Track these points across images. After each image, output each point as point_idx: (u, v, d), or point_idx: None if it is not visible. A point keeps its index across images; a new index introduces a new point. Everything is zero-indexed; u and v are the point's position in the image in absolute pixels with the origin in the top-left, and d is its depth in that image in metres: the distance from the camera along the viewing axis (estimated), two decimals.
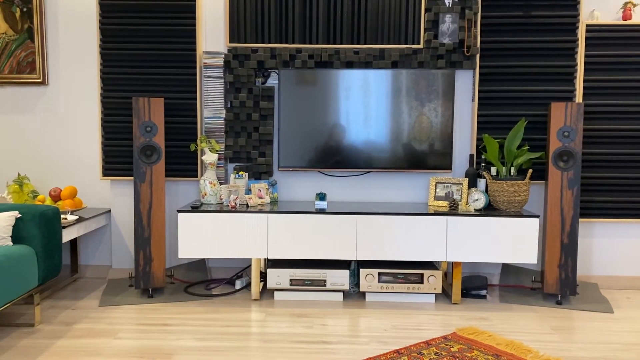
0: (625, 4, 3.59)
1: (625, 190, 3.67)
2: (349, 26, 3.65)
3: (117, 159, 3.74)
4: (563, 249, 3.34)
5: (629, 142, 3.65)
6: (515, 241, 3.28)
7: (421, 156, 3.65)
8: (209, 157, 3.52)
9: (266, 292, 3.54)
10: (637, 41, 3.60)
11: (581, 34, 3.60)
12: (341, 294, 3.42)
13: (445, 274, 3.72)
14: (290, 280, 3.37)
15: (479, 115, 3.67)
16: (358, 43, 3.66)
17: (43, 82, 3.77)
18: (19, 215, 2.88)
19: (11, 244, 2.85)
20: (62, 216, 3.35)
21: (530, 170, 3.39)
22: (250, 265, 3.79)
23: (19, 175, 3.64)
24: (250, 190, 3.60)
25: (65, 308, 3.22)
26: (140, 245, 3.35)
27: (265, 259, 3.68)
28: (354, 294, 3.52)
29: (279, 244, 3.31)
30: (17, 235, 2.88)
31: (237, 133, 3.71)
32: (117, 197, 3.82)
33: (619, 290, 3.73)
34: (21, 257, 2.72)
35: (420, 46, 3.64)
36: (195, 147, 3.67)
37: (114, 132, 3.72)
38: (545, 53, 3.62)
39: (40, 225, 2.88)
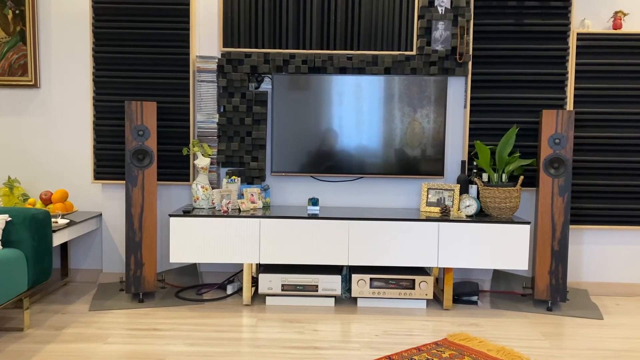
0: (616, 13, 3.63)
1: (615, 197, 3.70)
2: (343, 32, 3.66)
3: (109, 162, 3.72)
4: (553, 255, 3.36)
5: (619, 150, 3.68)
6: (506, 247, 3.29)
7: (413, 162, 3.66)
8: (202, 162, 3.51)
9: (258, 297, 3.53)
10: (627, 50, 3.64)
11: (572, 42, 3.64)
12: (333, 299, 3.42)
13: (436, 280, 3.73)
14: (282, 285, 3.36)
15: (470, 122, 3.69)
16: (351, 49, 3.67)
17: (35, 85, 3.75)
18: (9, 218, 2.86)
19: (0, 247, 2.83)
20: (53, 220, 3.33)
21: (522, 177, 3.42)
22: (241, 270, 3.78)
23: (9, 178, 3.61)
24: (242, 194, 3.59)
25: (55, 312, 3.20)
26: (131, 249, 3.33)
27: (257, 264, 3.68)
28: (346, 300, 3.52)
29: (271, 249, 3.30)
30: (7, 238, 2.86)
31: (230, 137, 3.70)
32: (108, 201, 3.80)
33: (608, 297, 3.75)
34: (11, 260, 2.69)
35: (413, 53, 3.66)
36: (188, 151, 3.66)
37: (106, 135, 3.70)
38: (537, 61, 3.65)
39: (30, 228, 2.86)
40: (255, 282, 3.61)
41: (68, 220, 3.38)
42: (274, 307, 3.36)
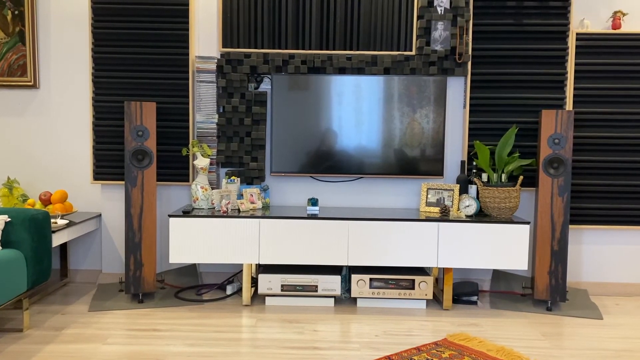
0: (615, 13, 3.63)
1: (614, 197, 3.70)
2: (342, 32, 3.66)
3: (108, 163, 3.72)
4: (553, 255, 3.36)
5: (619, 150, 3.68)
6: (505, 247, 3.29)
7: (413, 162, 3.66)
8: (201, 162, 3.51)
9: (257, 298, 3.53)
10: (626, 50, 3.64)
11: (571, 42, 3.64)
12: (332, 299, 3.42)
13: (436, 280, 3.73)
14: (282, 285, 3.36)
15: (470, 122, 3.69)
16: (351, 49, 3.67)
17: (34, 86, 3.75)
18: (9, 219, 2.86)
19: (0, 248, 2.83)
20: (52, 220, 3.33)
21: (521, 177, 3.42)
22: (241, 271, 3.78)
23: (8, 178, 3.61)
24: (242, 195, 3.59)
25: (55, 313, 3.20)
26: (130, 249, 3.33)
27: (256, 264, 3.68)
28: (346, 300, 3.52)
29: (271, 249, 3.30)
30: (6, 239, 2.85)
31: (229, 138, 3.70)
32: (107, 202, 3.80)
33: (608, 297, 3.75)
34: (10, 261, 2.69)
35: (413, 53, 3.66)
36: (187, 152, 3.66)
37: (106, 136, 3.70)
38: (536, 61, 3.65)
39: (30, 229, 2.85)
40: (254, 282, 3.61)
41: (67, 221, 3.38)
42: (274, 307, 3.36)
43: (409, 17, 3.66)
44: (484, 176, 3.54)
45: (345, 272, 3.59)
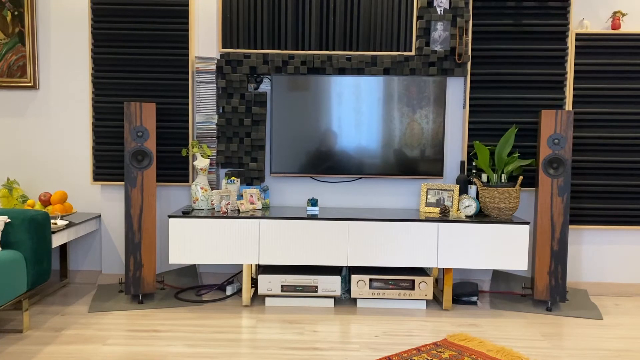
0: (614, 13, 3.63)
1: (614, 197, 3.70)
2: (342, 33, 3.66)
3: (108, 163, 3.72)
4: (553, 255, 3.36)
5: (618, 150, 3.68)
6: (505, 248, 3.29)
7: (412, 162, 3.66)
8: (201, 163, 3.51)
9: (257, 298, 3.53)
10: (626, 50, 3.64)
11: (571, 42, 3.64)
12: (332, 300, 3.42)
13: (436, 281, 3.73)
14: (282, 286, 3.36)
15: (470, 122, 3.69)
16: (350, 49, 3.67)
17: (34, 86, 3.75)
18: (8, 219, 2.85)
19: (0, 249, 2.82)
20: (52, 221, 3.33)
21: (521, 177, 3.42)
22: (241, 271, 3.78)
23: (8, 179, 3.61)
24: (242, 195, 3.59)
25: (55, 314, 3.19)
26: (130, 250, 3.33)
27: (256, 265, 3.68)
28: (345, 300, 3.52)
29: (271, 250, 3.30)
30: (6, 240, 2.85)
31: (229, 138, 3.70)
32: (107, 202, 3.80)
33: (607, 297, 3.76)
34: (10, 262, 2.69)
35: (412, 53, 3.66)
36: (187, 152, 3.66)
37: (105, 136, 3.70)
38: (536, 61, 3.65)
39: (29, 230, 2.85)
40: (254, 283, 3.61)
41: (67, 222, 3.38)
42: (274, 308, 3.36)
43: (409, 18, 3.66)
44: (484, 176, 3.55)
45: (345, 273, 3.59)
